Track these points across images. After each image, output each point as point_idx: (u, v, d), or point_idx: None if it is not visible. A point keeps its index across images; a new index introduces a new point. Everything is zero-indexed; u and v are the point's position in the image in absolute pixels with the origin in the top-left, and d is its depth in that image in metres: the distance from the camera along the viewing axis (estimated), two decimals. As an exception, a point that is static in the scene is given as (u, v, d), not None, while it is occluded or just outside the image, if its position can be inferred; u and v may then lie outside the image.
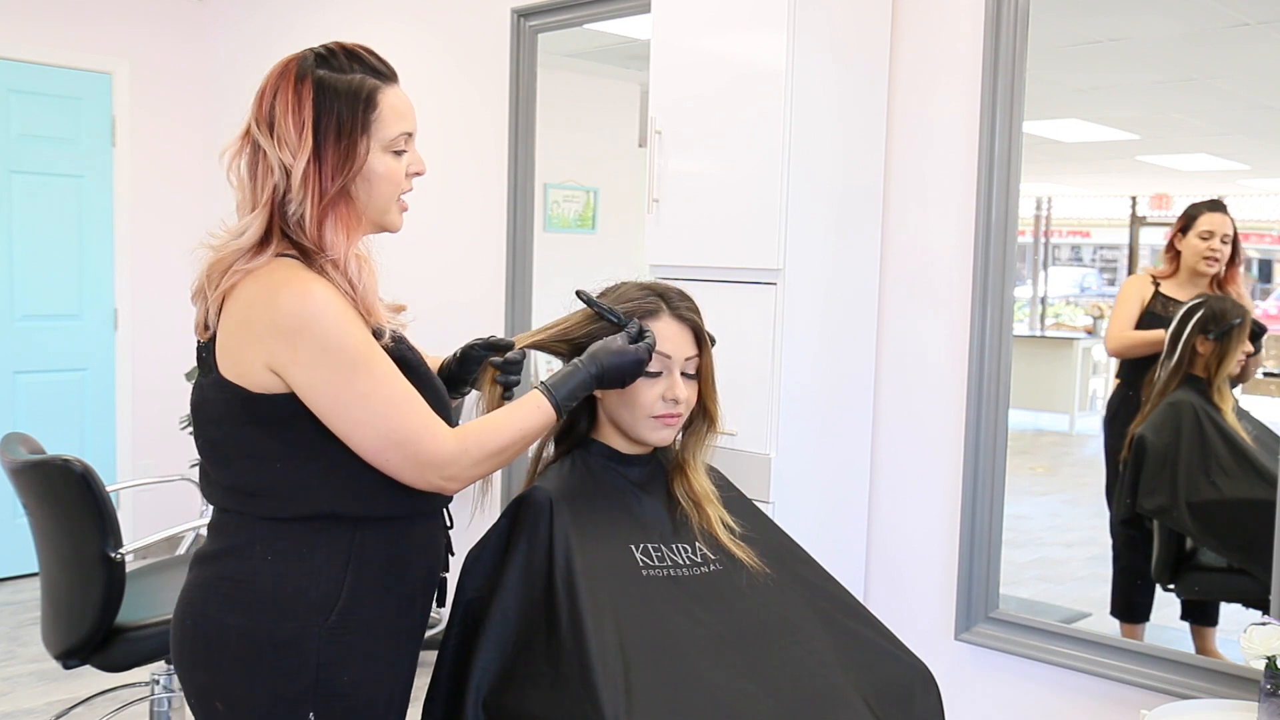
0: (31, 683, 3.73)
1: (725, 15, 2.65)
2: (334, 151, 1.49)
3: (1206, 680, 2.39)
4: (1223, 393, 2.58)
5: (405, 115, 1.56)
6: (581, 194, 4.09)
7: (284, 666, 1.50)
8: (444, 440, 1.50)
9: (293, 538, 1.52)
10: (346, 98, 1.50)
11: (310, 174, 1.48)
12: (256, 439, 1.51)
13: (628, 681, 1.49)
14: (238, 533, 1.54)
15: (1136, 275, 2.81)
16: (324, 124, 1.49)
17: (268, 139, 1.49)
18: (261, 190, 1.50)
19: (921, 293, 2.83)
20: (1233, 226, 2.57)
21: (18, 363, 4.84)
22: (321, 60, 1.52)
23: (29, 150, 4.81)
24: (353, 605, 1.52)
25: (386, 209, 1.58)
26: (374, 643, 1.55)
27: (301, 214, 1.48)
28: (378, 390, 1.47)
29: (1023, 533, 2.80)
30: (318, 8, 4.63)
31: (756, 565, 1.72)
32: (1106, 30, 2.76)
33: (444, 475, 1.51)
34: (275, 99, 1.50)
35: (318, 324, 1.44)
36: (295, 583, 1.51)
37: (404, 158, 1.57)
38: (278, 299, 1.45)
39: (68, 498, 2.42)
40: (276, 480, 1.51)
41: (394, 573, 1.57)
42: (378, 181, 1.54)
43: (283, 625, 1.50)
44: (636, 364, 1.62)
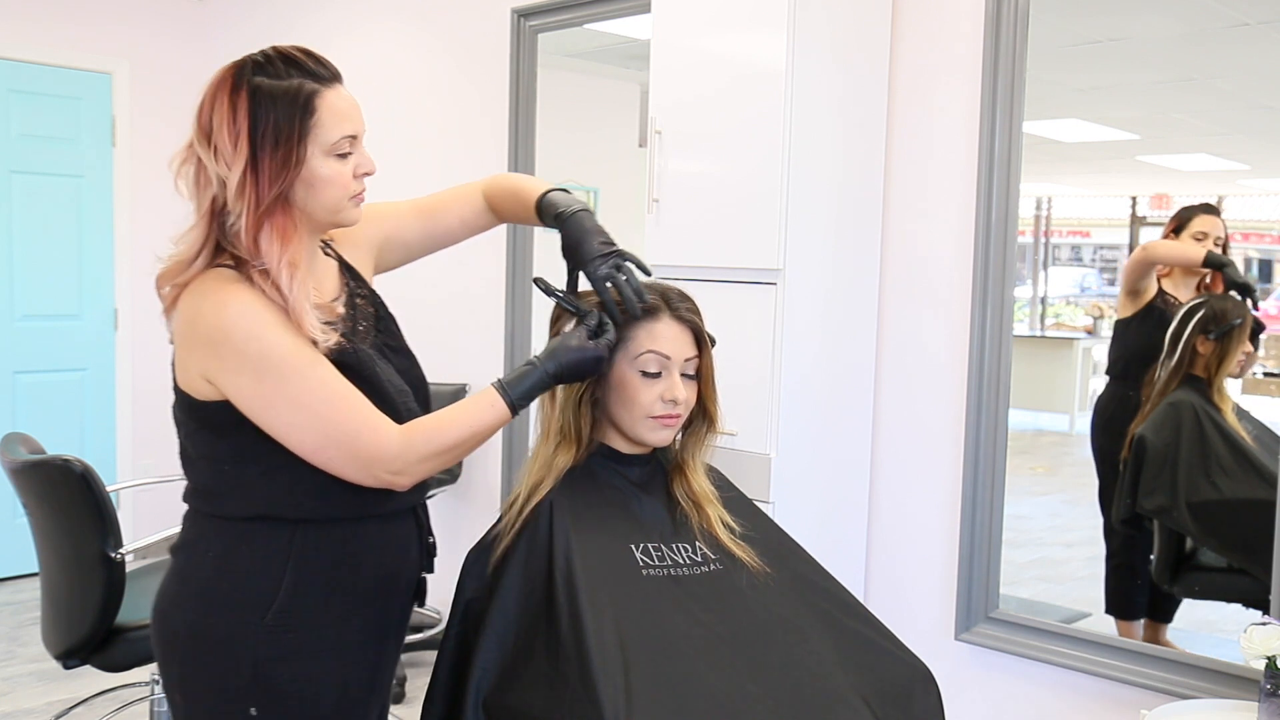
0: (31, 683, 3.73)
1: (725, 15, 2.65)
2: (270, 159, 1.48)
3: (1206, 680, 2.39)
4: (1223, 393, 2.58)
5: (347, 117, 1.53)
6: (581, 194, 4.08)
7: (224, 661, 1.54)
8: (387, 436, 1.50)
9: (233, 535, 1.56)
10: (284, 104, 1.48)
11: (246, 183, 1.47)
12: (207, 442, 1.56)
13: (628, 681, 1.49)
14: (190, 530, 1.61)
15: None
16: (260, 132, 1.47)
17: (206, 151, 1.49)
18: (202, 201, 1.51)
19: (921, 293, 2.83)
20: (1223, 228, 2.59)
21: (18, 363, 4.84)
22: (258, 68, 1.50)
23: (29, 150, 4.81)
24: (292, 604, 1.54)
25: (338, 209, 1.56)
26: (318, 642, 1.57)
27: (238, 225, 1.48)
28: (311, 392, 1.48)
29: (1023, 533, 2.80)
30: (318, 8, 4.63)
31: (757, 565, 1.72)
32: (1106, 30, 2.76)
33: (390, 470, 1.51)
34: (213, 111, 1.49)
35: (236, 333, 1.46)
36: (232, 579, 1.54)
37: (350, 159, 1.55)
38: (200, 311, 1.49)
39: (68, 498, 2.42)
40: (224, 481, 1.56)
41: (341, 573, 1.58)
42: (322, 186, 1.52)
43: (221, 620, 1.54)
44: (595, 361, 1.60)
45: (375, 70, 4.34)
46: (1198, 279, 2.63)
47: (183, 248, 1.52)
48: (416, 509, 1.71)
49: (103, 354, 5.06)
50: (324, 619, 1.57)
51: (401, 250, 1.85)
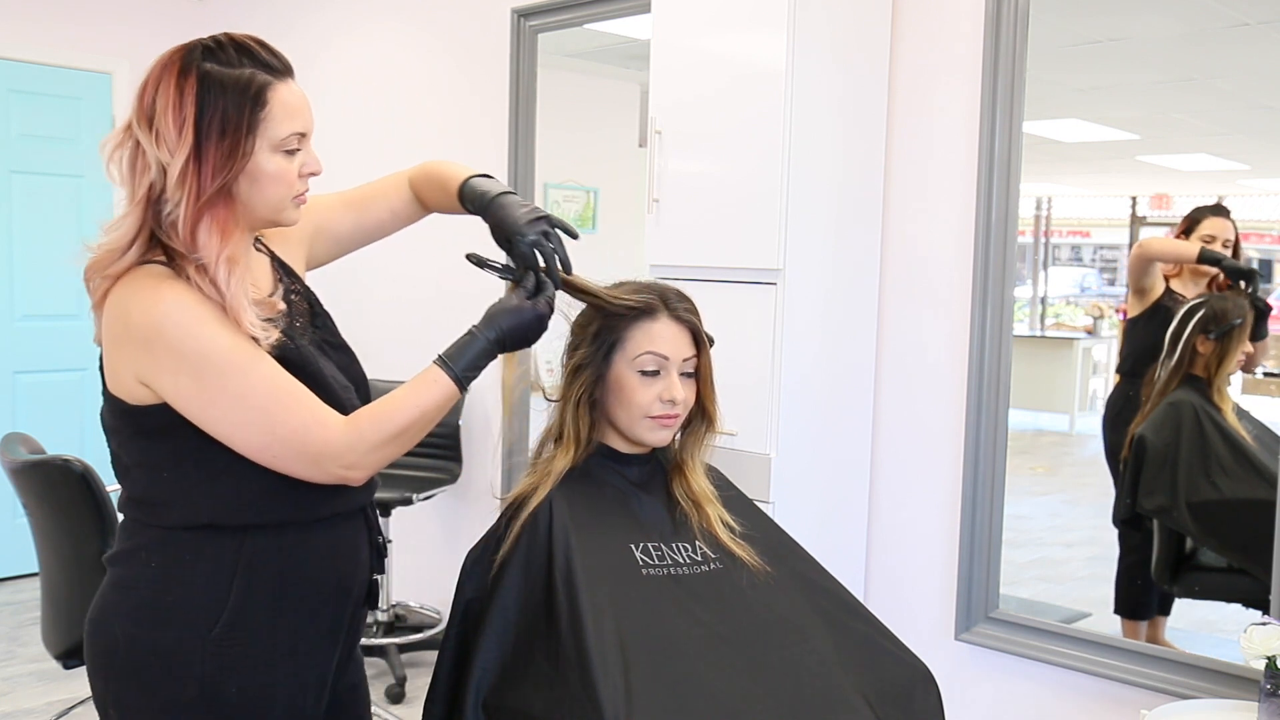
0: (31, 683, 3.73)
1: (725, 15, 2.65)
2: (216, 150, 1.41)
3: (1206, 680, 2.39)
4: (1223, 393, 2.58)
5: (298, 113, 1.47)
6: (581, 194, 4.09)
7: (168, 676, 1.46)
8: (334, 429, 1.44)
9: (178, 546, 1.48)
10: (233, 93, 1.42)
11: (189, 172, 1.40)
12: (143, 449, 1.49)
13: (627, 681, 1.49)
14: (129, 539, 1.52)
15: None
16: (206, 120, 1.40)
17: (146, 135, 1.41)
18: (138, 188, 1.43)
19: (921, 293, 2.83)
20: (1234, 231, 2.58)
21: (18, 363, 4.84)
22: (209, 53, 1.44)
23: (29, 150, 4.81)
24: (240, 617, 1.47)
25: (280, 208, 1.50)
26: (269, 651, 1.50)
27: (176, 215, 1.40)
28: (254, 388, 1.41)
29: (1023, 533, 2.80)
30: (318, 8, 4.63)
31: (757, 564, 1.72)
32: (1106, 30, 2.76)
33: (342, 464, 1.45)
34: (157, 93, 1.42)
35: (171, 330, 1.39)
36: (177, 593, 1.47)
37: (296, 157, 1.49)
38: (130, 309, 1.41)
39: (68, 498, 2.42)
40: (164, 490, 1.48)
41: (291, 580, 1.51)
42: (266, 182, 1.46)
43: (165, 634, 1.46)
44: (537, 320, 1.54)
45: (375, 70, 4.34)
46: (1207, 278, 2.63)
47: (114, 236, 1.43)
48: (366, 509, 1.65)
49: (103, 354, 5.05)
50: (274, 628, 1.50)
51: (332, 243, 1.77)
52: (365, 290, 4.23)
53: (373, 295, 4.23)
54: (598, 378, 1.70)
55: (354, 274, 4.35)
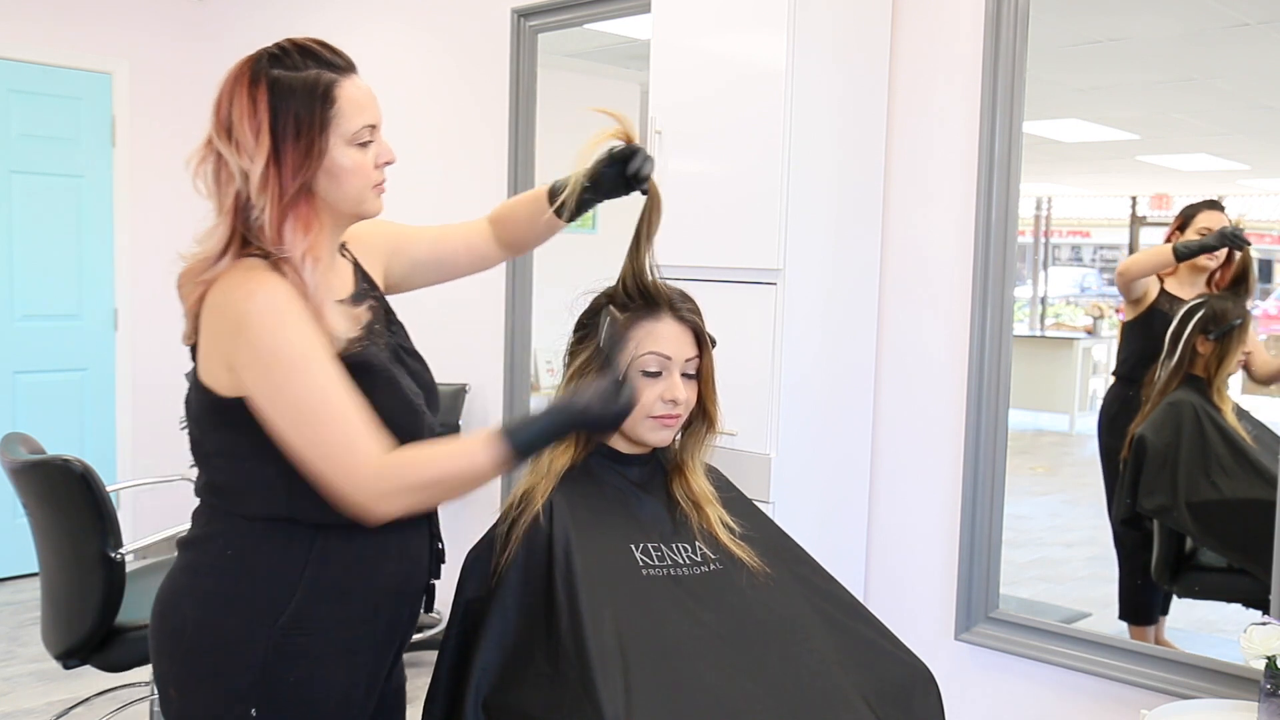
0: (31, 683, 3.73)
1: (725, 15, 2.65)
2: (293, 151, 1.47)
3: (1206, 680, 2.39)
4: (1222, 393, 2.58)
5: (366, 107, 1.54)
6: (581, 194, 4.08)
7: (229, 662, 1.51)
8: (364, 458, 1.43)
9: (254, 537, 1.52)
10: (303, 95, 1.48)
11: (269, 175, 1.46)
12: (226, 439, 1.53)
13: (627, 681, 1.49)
14: (207, 525, 1.57)
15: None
16: (281, 124, 1.47)
17: (227, 146, 1.48)
18: (225, 197, 1.49)
19: (921, 293, 2.83)
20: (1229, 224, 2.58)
21: (18, 363, 4.84)
22: (275, 60, 1.50)
23: (29, 150, 4.81)
24: (305, 610, 1.51)
25: (361, 199, 1.56)
26: (325, 645, 1.54)
27: (262, 218, 1.46)
28: (310, 395, 1.43)
29: (1023, 533, 2.80)
30: (318, 8, 4.63)
31: (757, 565, 1.72)
32: (1106, 30, 2.76)
33: (370, 497, 1.44)
34: (232, 105, 1.49)
35: (254, 324, 1.43)
36: (247, 582, 1.51)
37: (370, 148, 1.55)
38: (229, 299, 1.46)
39: (68, 498, 2.42)
40: (243, 480, 1.53)
41: (355, 579, 1.55)
42: (344, 175, 1.52)
43: (231, 622, 1.51)
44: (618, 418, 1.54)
45: (375, 70, 4.32)
46: (1204, 275, 2.63)
47: (207, 246, 1.50)
48: (431, 515, 1.69)
49: (103, 354, 5.06)
50: (335, 624, 1.54)
51: (409, 265, 1.82)
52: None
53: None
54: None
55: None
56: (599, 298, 1.76)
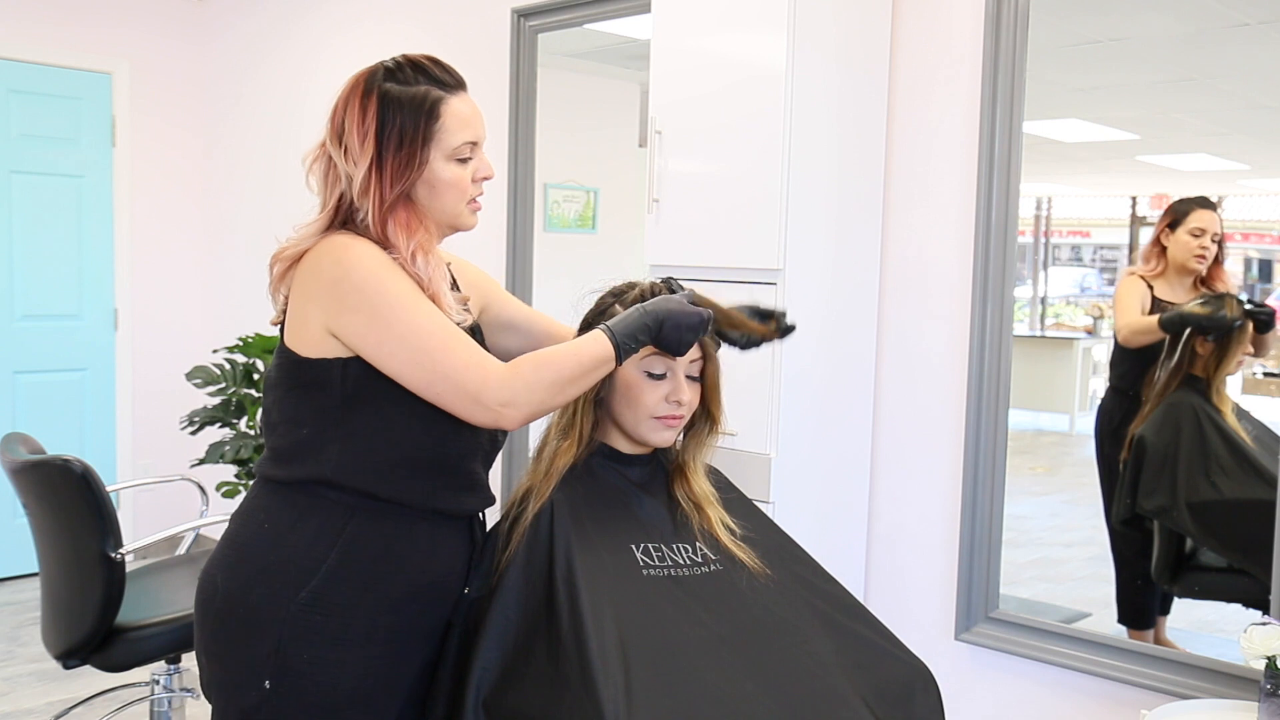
0: (31, 683, 3.73)
1: (725, 15, 2.65)
2: (394, 160, 1.57)
3: (1206, 680, 2.39)
4: (1222, 393, 2.58)
5: (470, 123, 1.62)
6: (581, 194, 4.09)
7: (250, 631, 1.57)
8: (493, 369, 1.53)
9: (289, 507, 1.59)
10: (410, 109, 1.58)
11: (371, 180, 1.56)
12: (293, 403, 1.60)
13: (628, 681, 1.49)
14: (252, 498, 1.65)
15: (1127, 280, 2.77)
16: (387, 134, 1.57)
17: (338, 151, 1.59)
18: (330, 196, 1.61)
19: (921, 292, 2.83)
20: (1220, 224, 2.56)
21: (18, 363, 4.84)
22: (389, 74, 1.60)
23: (29, 150, 4.81)
24: (328, 588, 1.55)
25: (456, 212, 1.65)
26: (344, 630, 1.57)
27: (365, 218, 1.57)
28: (421, 328, 1.51)
29: (1023, 533, 2.80)
30: (318, 8, 4.63)
31: (757, 566, 1.72)
32: (1106, 30, 2.76)
33: (499, 401, 1.52)
34: (345, 114, 1.60)
35: (355, 271, 1.52)
36: (278, 552, 1.57)
37: (470, 164, 1.63)
38: (323, 260, 1.55)
39: (68, 498, 2.42)
40: (299, 445, 1.58)
41: (383, 569, 1.58)
42: (443, 188, 1.61)
43: (254, 592, 1.57)
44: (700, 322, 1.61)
45: (375, 70, 4.34)
46: (1192, 278, 2.62)
47: (304, 234, 1.60)
48: (474, 520, 1.71)
49: (103, 354, 5.06)
50: (354, 610, 1.57)
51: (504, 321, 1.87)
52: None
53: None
54: (604, 377, 1.71)
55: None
56: (604, 297, 1.76)
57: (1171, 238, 2.60)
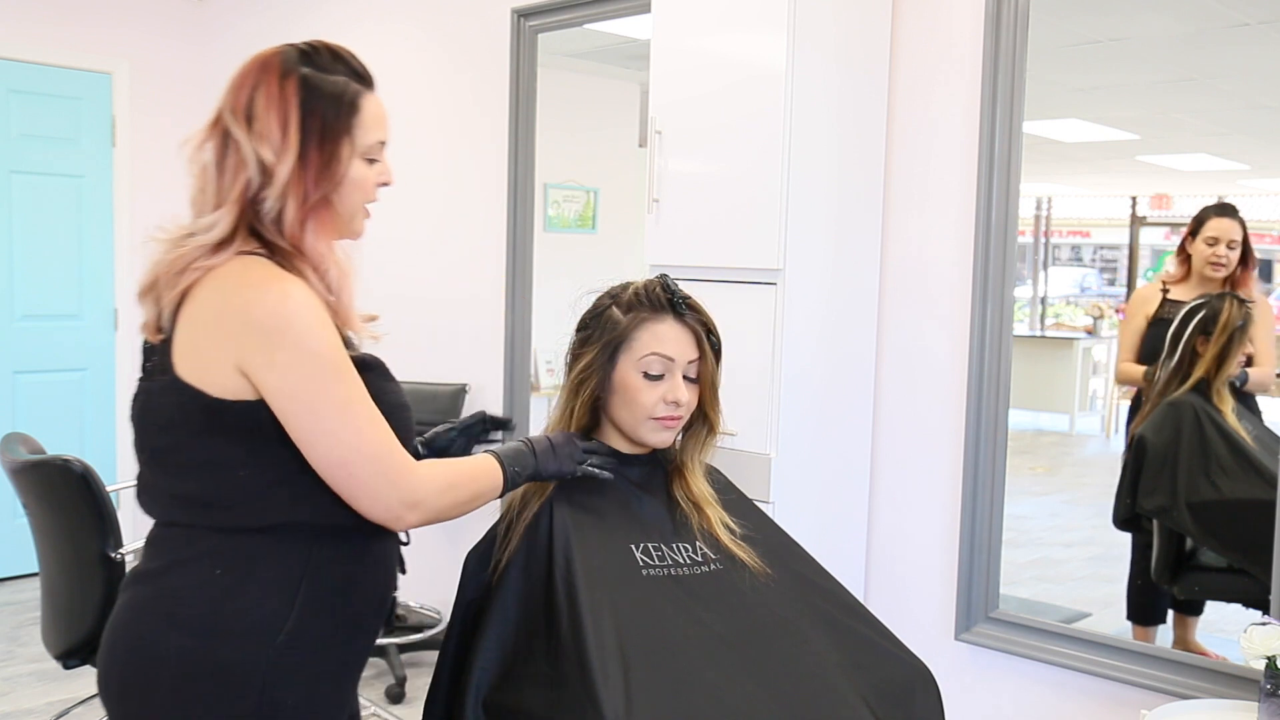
0: (31, 683, 3.73)
1: (725, 15, 2.65)
2: (318, 154, 1.43)
3: (1206, 680, 2.39)
4: (1223, 393, 2.58)
5: (383, 122, 1.52)
6: (581, 194, 4.09)
7: (226, 690, 1.41)
8: (412, 465, 1.45)
9: (244, 551, 1.43)
10: (331, 99, 1.45)
11: (295, 176, 1.42)
12: (216, 446, 1.41)
13: (627, 681, 1.49)
14: (184, 547, 1.45)
15: (1143, 286, 2.80)
16: (309, 124, 1.43)
17: (244, 132, 1.42)
18: (231, 185, 1.42)
19: (921, 293, 2.83)
20: (1242, 230, 2.57)
21: (18, 363, 4.83)
22: (306, 58, 1.46)
23: (29, 150, 4.80)
24: (303, 626, 1.44)
25: (354, 215, 1.52)
26: (322, 664, 1.48)
27: (280, 213, 1.42)
28: (358, 400, 1.41)
29: (1023, 533, 2.80)
30: (318, 7, 4.63)
31: (757, 566, 1.72)
32: (1106, 30, 2.76)
33: (409, 499, 1.44)
34: (256, 92, 1.43)
35: (299, 325, 1.37)
36: (242, 600, 1.42)
37: (376, 166, 1.52)
38: (257, 297, 1.38)
39: (68, 498, 2.42)
40: (236, 489, 1.42)
41: (347, 592, 1.49)
42: (349, 187, 1.48)
43: (227, 645, 1.41)
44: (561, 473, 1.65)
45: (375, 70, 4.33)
46: (1216, 284, 2.62)
47: (211, 234, 1.41)
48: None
49: (103, 354, 5.05)
50: (330, 641, 1.48)
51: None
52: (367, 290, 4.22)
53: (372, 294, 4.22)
54: (602, 378, 1.71)
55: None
56: (602, 298, 1.76)
57: (1193, 246, 2.62)
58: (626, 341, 1.69)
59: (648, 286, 1.73)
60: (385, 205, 1.63)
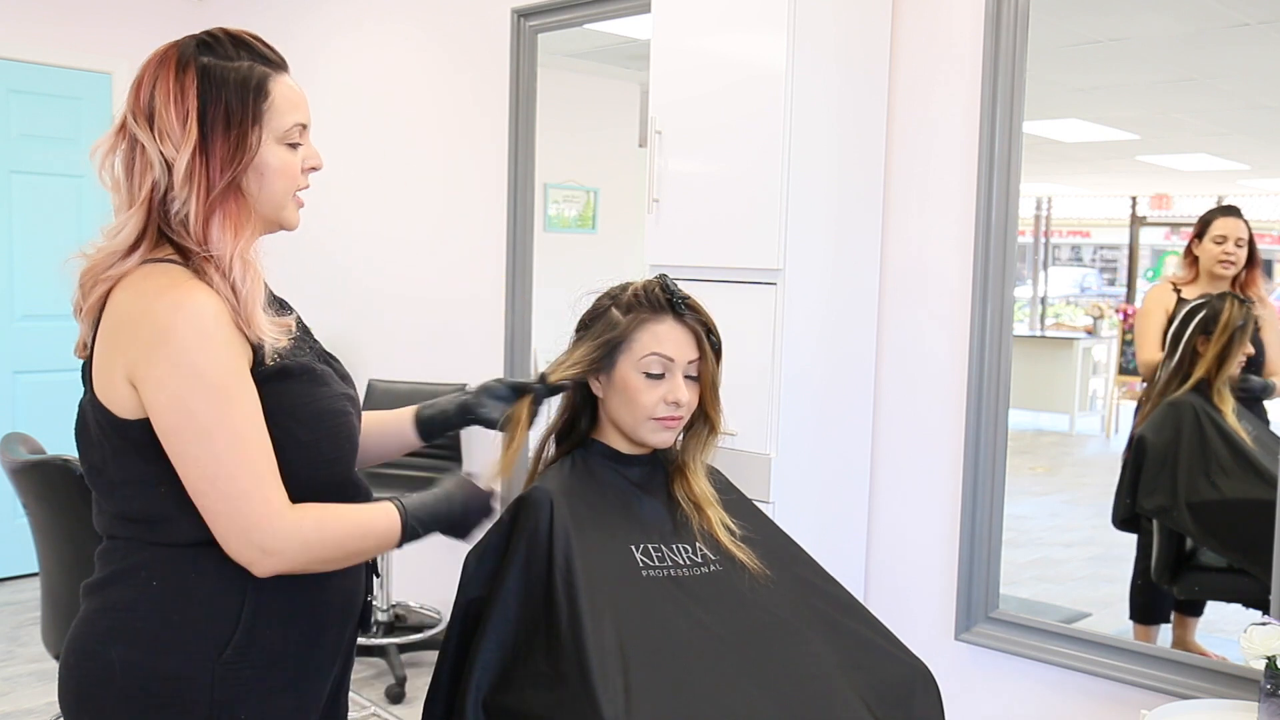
0: (31, 683, 3.73)
1: (725, 15, 2.65)
2: (223, 142, 1.37)
3: (1206, 680, 2.39)
4: (1223, 393, 2.58)
5: (299, 105, 1.45)
6: (581, 194, 4.09)
7: (174, 704, 1.37)
8: (277, 507, 1.35)
9: (182, 563, 1.38)
10: (235, 86, 1.39)
11: (196, 167, 1.36)
12: (134, 465, 1.38)
13: (627, 682, 1.49)
14: (124, 559, 1.42)
15: (1157, 286, 2.81)
16: (210, 114, 1.37)
17: (146, 132, 1.38)
18: (139, 188, 1.38)
19: (921, 292, 2.83)
20: (1248, 230, 2.58)
21: (18, 363, 4.84)
22: (205, 47, 1.40)
23: (29, 150, 4.81)
24: (252, 638, 1.39)
25: (282, 205, 1.46)
26: (277, 676, 1.43)
27: (186, 211, 1.36)
28: (226, 430, 1.32)
29: (1023, 533, 2.80)
30: (317, 7, 4.63)
31: (757, 567, 1.72)
32: (1106, 30, 2.76)
33: (265, 547, 1.34)
34: (155, 89, 1.38)
35: (180, 338, 1.31)
36: (185, 614, 1.38)
37: (299, 151, 1.46)
38: (149, 306, 1.33)
39: (68, 498, 2.42)
40: (158, 506, 1.38)
41: (301, 599, 1.44)
42: (271, 175, 1.42)
43: (171, 659, 1.37)
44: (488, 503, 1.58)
45: (375, 70, 4.34)
46: (1225, 283, 2.63)
47: (117, 239, 1.37)
48: None
49: (103, 354, 5.05)
50: (284, 650, 1.43)
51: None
52: (367, 290, 4.23)
53: (373, 294, 4.23)
54: (604, 378, 1.71)
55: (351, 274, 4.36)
56: (601, 299, 1.76)
57: (1200, 247, 2.63)
58: (626, 342, 1.69)
59: (647, 287, 1.73)
60: (385, 205, 1.64)
